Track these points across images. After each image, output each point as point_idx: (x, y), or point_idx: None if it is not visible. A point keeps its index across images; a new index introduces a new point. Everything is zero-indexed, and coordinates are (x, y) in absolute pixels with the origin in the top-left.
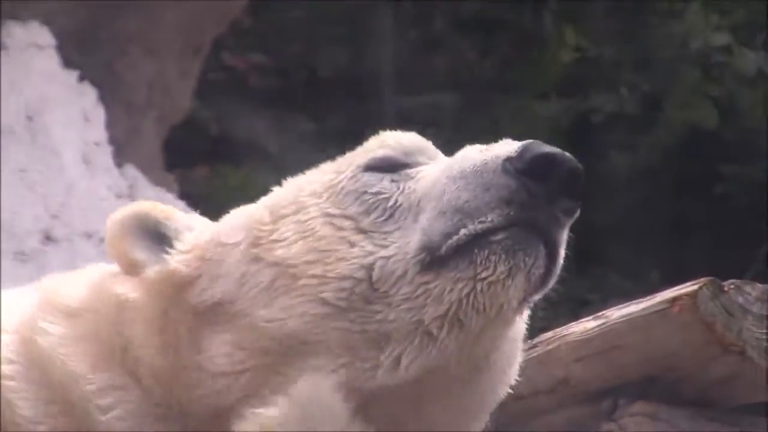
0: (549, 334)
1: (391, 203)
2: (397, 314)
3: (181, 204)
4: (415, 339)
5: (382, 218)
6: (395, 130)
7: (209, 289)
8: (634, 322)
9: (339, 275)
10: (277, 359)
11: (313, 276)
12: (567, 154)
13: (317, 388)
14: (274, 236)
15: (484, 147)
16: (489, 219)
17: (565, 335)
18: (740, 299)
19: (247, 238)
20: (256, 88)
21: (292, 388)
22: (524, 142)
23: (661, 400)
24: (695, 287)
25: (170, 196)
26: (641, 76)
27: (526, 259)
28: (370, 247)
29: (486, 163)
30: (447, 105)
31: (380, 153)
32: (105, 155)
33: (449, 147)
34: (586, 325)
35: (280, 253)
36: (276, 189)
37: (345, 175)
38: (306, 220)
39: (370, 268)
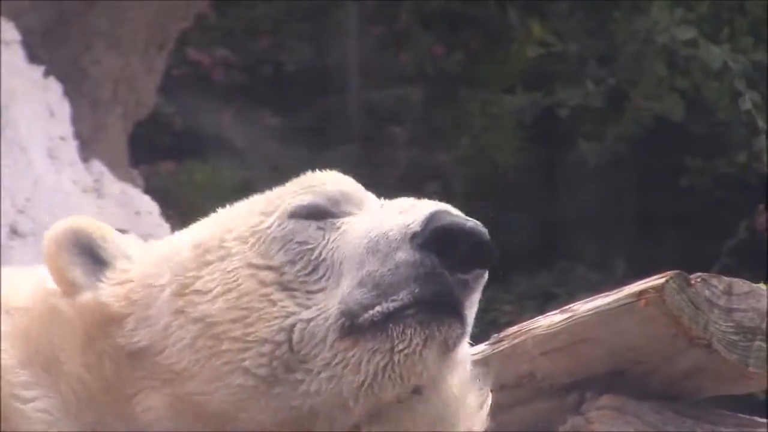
0: (515, 328)
1: (315, 255)
2: (318, 384)
3: (147, 199)
4: (337, 413)
5: (306, 271)
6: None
7: (136, 333)
8: (601, 316)
9: (259, 338)
10: (214, 426)
11: (234, 339)
12: (470, 223)
13: None
14: (198, 285)
15: (408, 205)
16: (400, 297)
17: (531, 329)
18: (707, 292)
19: (171, 283)
20: (221, 83)
21: None
22: (429, 213)
23: (628, 393)
24: (662, 281)
25: (136, 192)
26: (607, 69)
27: (440, 327)
28: (291, 308)
29: (396, 237)
30: (413, 99)
31: (306, 200)
32: (71, 150)
33: (416, 142)
34: (553, 318)
35: (202, 308)
36: (203, 222)
37: (272, 221)
38: (230, 270)
39: (290, 330)
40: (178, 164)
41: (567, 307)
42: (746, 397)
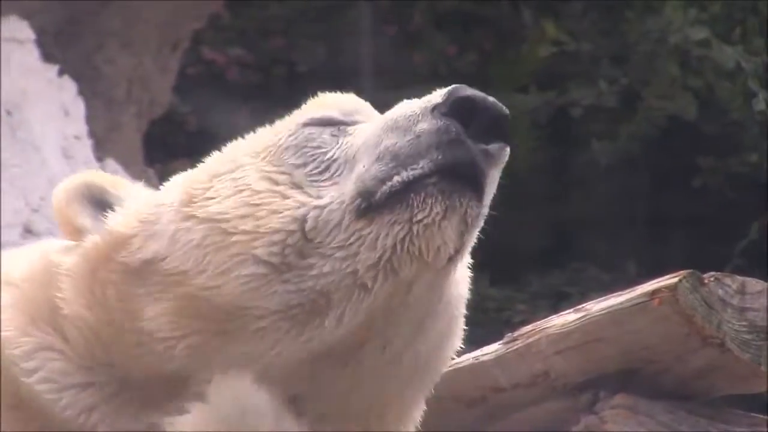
0: (529, 327)
1: (328, 156)
2: (332, 265)
3: None
4: (353, 293)
5: (318, 170)
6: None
7: (142, 248)
8: (615, 315)
9: (271, 229)
10: (219, 325)
11: (245, 232)
12: (490, 98)
13: (235, 389)
14: (209, 194)
15: (417, 100)
16: (420, 165)
17: (545, 328)
18: (720, 292)
19: (181, 195)
20: (236, 82)
21: (208, 389)
22: (449, 88)
23: (641, 392)
24: (675, 280)
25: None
26: (620, 69)
27: (461, 199)
28: (303, 198)
29: (416, 112)
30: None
31: (319, 113)
32: (85, 149)
33: None
34: (567, 318)
35: (212, 209)
36: (216, 155)
37: (286, 132)
38: (241, 177)
39: (303, 219)
40: (192, 163)
41: (580, 306)
42: (760, 396)
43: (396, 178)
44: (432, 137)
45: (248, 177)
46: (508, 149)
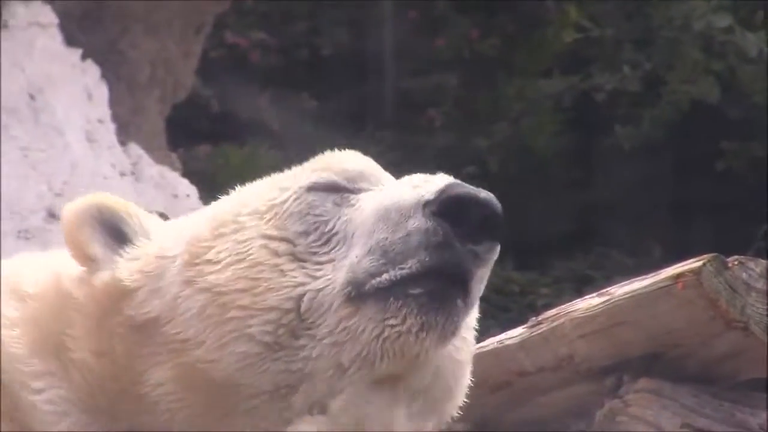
0: (553, 311)
1: (329, 228)
2: (320, 350)
3: (185, 182)
4: (334, 378)
5: (318, 243)
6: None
7: (146, 303)
8: (639, 299)
9: (267, 306)
10: (215, 400)
11: (241, 307)
12: (483, 194)
13: None
14: (210, 255)
15: (420, 180)
16: (408, 265)
17: (569, 312)
18: (744, 275)
19: (184, 254)
20: (259, 66)
21: None
22: (443, 185)
23: (665, 376)
24: (699, 264)
25: (174, 175)
26: (643, 54)
27: (438, 318)
28: (300, 278)
29: (410, 207)
30: (449, 85)
31: (324, 177)
32: (108, 133)
33: (452, 127)
34: (591, 302)
35: (211, 278)
36: (222, 199)
37: (289, 195)
38: (243, 241)
39: (299, 299)
40: (215, 147)
41: (604, 290)
42: None
43: (384, 276)
44: (421, 237)
45: (250, 243)
46: (498, 248)
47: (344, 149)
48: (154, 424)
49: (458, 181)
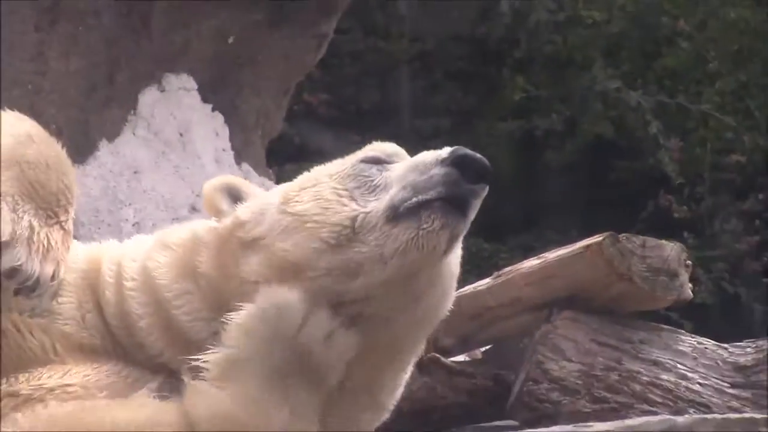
0: (509, 268)
1: (374, 183)
2: (368, 248)
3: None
4: (376, 266)
5: (367, 191)
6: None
7: (253, 229)
8: (563, 261)
9: (333, 222)
10: (288, 273)
11: (316, 221)
12: (479, 155)
13: (276, 292)
14: (297, 198)
15: (435, 151)
16: (429, 194)
17: (519, 269)
18: (629, 246)
19: (280, 198)
20: (323, 114)
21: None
22: (453, 148)
23: (580, 309)
24: (600, 238)
25: (270, 183)
26: (565, 105)
27: (450, 220)
28: (355, 207)
29: (432, 161)
30: (443, 125)
31: (370, 153)
32: (229, 157)
33: (451, 145)
34: (532, 262)
35: (297, 208)
36: (305, 173)
37: (349, 164)
38: (319, 190)
39: (354, 219)
40: (297, 166)
41: (541, 255)
42: (656, 311)
43: (413, 200)
44: (440, 178)
45: (323, 191)
46: (487, 188)
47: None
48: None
49: (462, 147)
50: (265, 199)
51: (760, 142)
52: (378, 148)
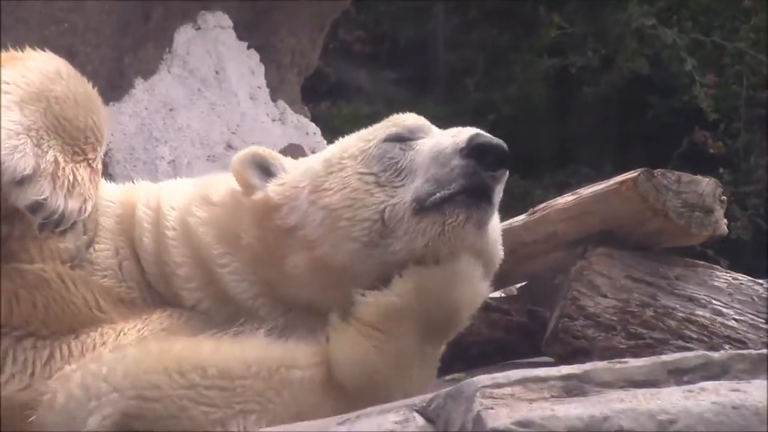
0: (543, 204)
1: (399, 165)
2: (400, 244)
3: (313, 125)
4: (414, 258)
5: (393, 175)
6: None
7: (288, 217)
8: (598, 197)
9: (363, 218)
10: (333, 279)
11: (347, 219)
12: (496, 140)
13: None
14: (324, 186)
15: (456, 131)
16: (452, 187)
17: (554, 205)
18: (664, 181)
19: (308, 185)
20: (358, 52)
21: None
22: (470, 135)
23: (615, 246)
24: (636, 174)
25: (306, 120)
26: (600, 43)
27: (475, 212)
28: (383, 198)
29: (451, 153)
30: (478, 62)
31: (393, 131)
32: (264, 94)
33: (480, 88)
34: (567, 198)
35: (326, 200)
36: (330, 146)
37: (372, 144)
38: (345, 176)
39: (382, 212)
40: (332, 103)
41: (576, 191)
42: (691, 247)
43: (437, 195)
44: (459, 170)
45: (349, 178)
46: (507, 172)
47: (411, 109)
48: (288, 290)
49: (481, 132)
50: (294, 179)
51: None
52: (400, 123)
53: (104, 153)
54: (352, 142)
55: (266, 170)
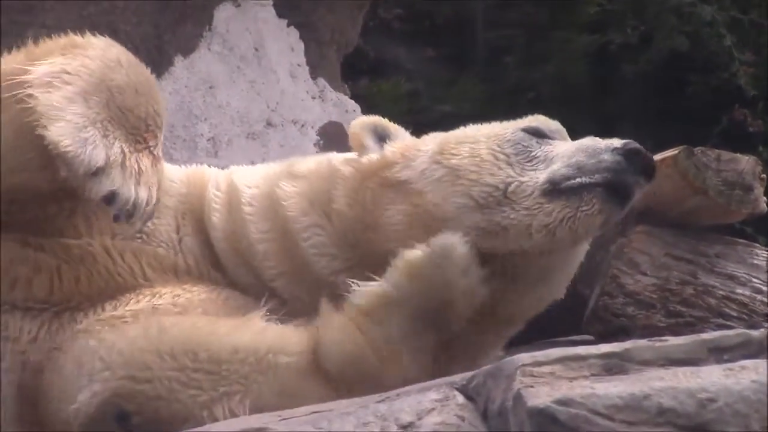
0: None
1: (532, 153)
2: (516, 215)
3: (352, 102)
4: (521, 234)
5: (525, 160)
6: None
7: (401, 171)
8: None
9: (486, 183)
10: (430, 227)
11: (469, 180)
12: (648, 153)
13: (446, 238)
14: (453, 151)
15: (604, 140)
16: (596, 177)
17: None
18: (704, 159)
19: (435, 147)
20: (398, 30)
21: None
22: (626, 141)
23: (654, 223)
24: (676, 152)
25: (345, 98)
26: (639, 20)
27: (609, 208)
28: (511, 173)
29: (604, 148)
30: (517, 39)
31: (534, 124)
32: (304, 72)
33: (520, 66)
34: None
35: (453, 161)
36: (462, 128)
37: (510, 130)
38: (477, 148)
39: (508, 184)
40: (371, 81)
41: None
42: (731, 225)
43: (577, 179)
44: (609, 164)
45: (481, 150)
46: (649, 183)
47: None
48: (375, 245)
49: (634, 141)
50: (415, 144)
51: None
52: (542, 121)
53: None
54: (489, 126)
55: (383, 139)
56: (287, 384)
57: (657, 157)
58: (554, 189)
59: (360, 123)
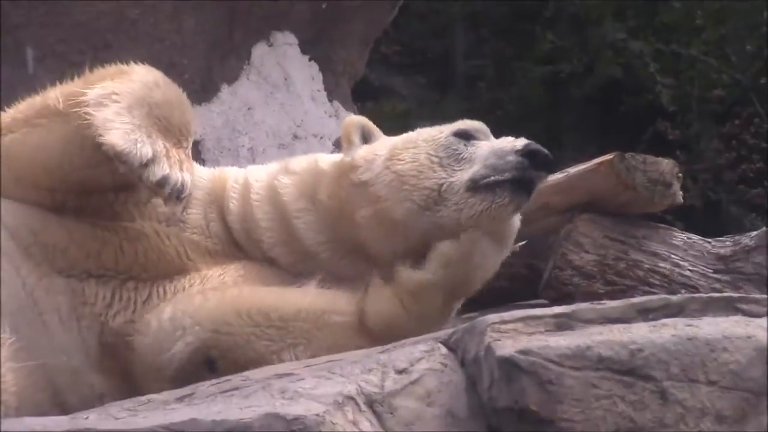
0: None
1: (461, 156)
2: (448, 213)
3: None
4: (454, 224)
5: (454, 161)
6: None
7: (363, 173)
8: (582, 174)
9: (424, 186)
10: (389, 230)
11: (411, 185)
12: (545, 150)
13: (473, 235)
14: (399, 157)
15: (510, 139)
16: (505, 175)
17: (547, 181)
18: (634, 162)
19: (387, 153)
20: (397, 62)
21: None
22: (527, 142)
23: (596, 212)
24: (611, 156)
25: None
26: (583, 53)
27: (518, 198)
28: (444, 175)
29: (509, 150)
30: (489, 70)
31: (462, 127)
32: (323, 96)
33: (491, 91)
34: (558, 176)
35: (398, 167)
36: (409, 132)
37: (443, 135)
38: (417, 153)
39: (441, 185)
40: (375, 103)
41: (565, 170)
42: (653, 214)
43: (492, 178)
44: (514, 164)
45: (419, 155)
46: (548, 176)
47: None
48: (354, 239)
49: (532, 141)
50: (376, 148)
51: (737, 79)
52: (468, 124)
53: (197, 143)
54: (429, 130)
55: (367, 138)
56: (338, 338)
57: (597, 160)
58: (475, 186)
59: (351, 121)
